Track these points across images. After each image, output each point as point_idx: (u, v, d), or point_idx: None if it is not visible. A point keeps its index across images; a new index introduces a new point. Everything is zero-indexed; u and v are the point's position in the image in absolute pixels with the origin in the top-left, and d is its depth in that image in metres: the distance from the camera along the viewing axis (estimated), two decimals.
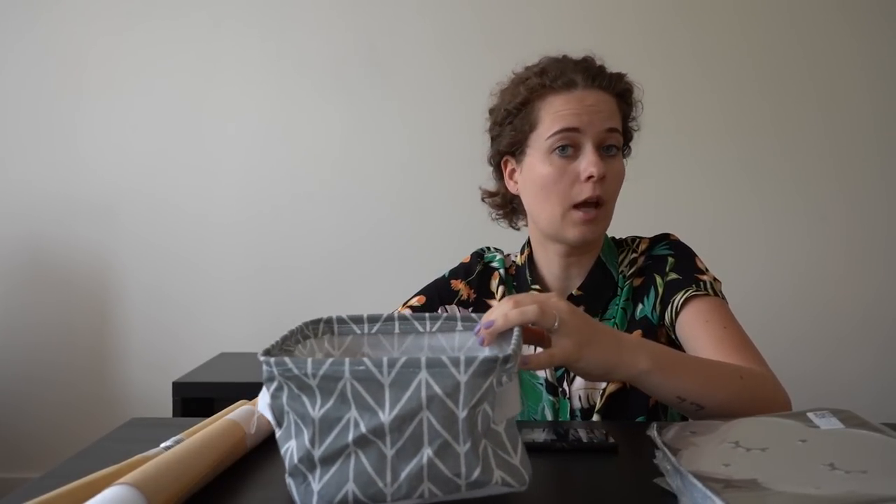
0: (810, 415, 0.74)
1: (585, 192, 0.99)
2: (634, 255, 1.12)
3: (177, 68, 2.35)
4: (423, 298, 1.12)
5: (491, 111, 1.11)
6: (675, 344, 1.04)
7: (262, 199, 2.36)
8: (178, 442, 0.74)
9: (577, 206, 1.00)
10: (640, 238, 1.14)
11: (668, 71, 2.33)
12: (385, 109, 2.36)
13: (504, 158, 1.10)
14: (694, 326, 0.98)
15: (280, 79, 2.36)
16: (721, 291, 1.03)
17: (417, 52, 2.36)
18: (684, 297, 1.00)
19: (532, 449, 0.80)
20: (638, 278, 1.09)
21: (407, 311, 0.99)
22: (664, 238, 1.12)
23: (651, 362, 0.80)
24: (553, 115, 1.01)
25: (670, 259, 1.07)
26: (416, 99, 2.35)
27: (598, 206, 1.01)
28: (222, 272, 2.36)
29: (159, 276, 2.36)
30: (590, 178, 0.99)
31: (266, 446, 0.83)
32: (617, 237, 1.16)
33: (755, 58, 2.34)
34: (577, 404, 1.05)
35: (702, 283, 1.02)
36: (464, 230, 2.33)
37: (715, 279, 1.05)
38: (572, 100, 1.01)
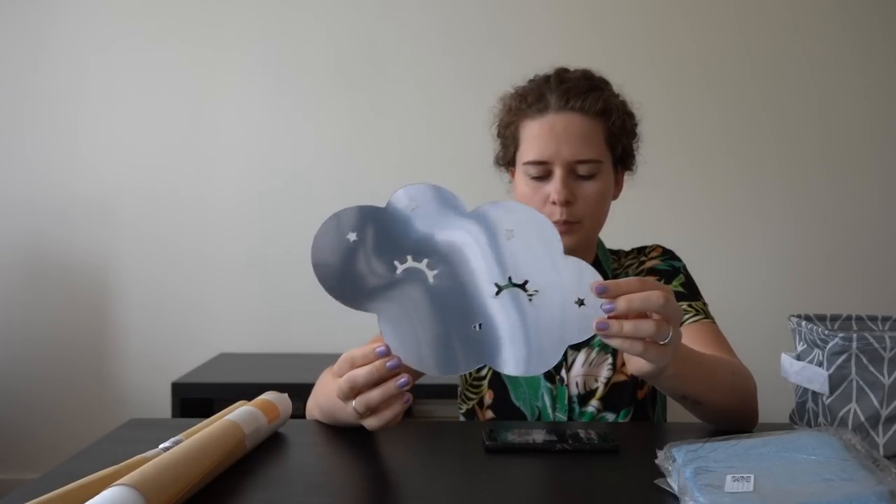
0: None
1: (554, 214, 1.04)
2: (643, 257, 1.16)
3: (177, 66, 2.34)
4: None
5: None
6: None
7: (262, 198, 2.36)
8: (177, 443, 0.74)
9: None
10: (653, 246, 1.18)
11: (665, 76, 2.33)
12: (385, 108, 2.35)
13: (508, 167, 1.16)
14: (697, 338, 1.03)
15: (280, 77, 2.36)
16: (712, 316, 1.09)
17: (418, 51, 2.35)
18: (692, 319, 1.05)
19: (533, 450, 0.80)
20: (650, 276, 1.13)
21: None
22: (676, 257, 1.16)
23: (675, 367, 0.77)
24: (527, 142, 1.06)
25: (681, 275, 1.12)
26: (417, 98, 2.35)
27: (572, 223, 1.05)
28: (222, 273, 2.35)
29: (158, 276, 2.35)
30: (555, 202, 1.04)
31: (265, 447, 0.82)
32: (614, 248, 1.20)
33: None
34: (574, 391, 1.10)
35: (701, 310, 1.07)
36: None
37: (707, 305, 1.11)
38: (545, 126, 1.05)
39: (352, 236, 0.75)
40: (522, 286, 0.73)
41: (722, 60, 2.35)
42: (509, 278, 0.73)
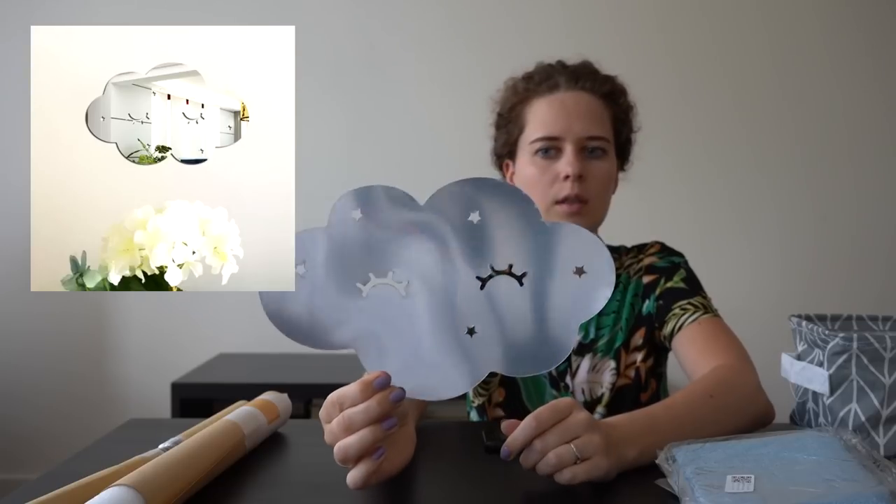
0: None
1: (565, 190, 1.03)
2: (642, 255, 1.14)
3: None
4: None
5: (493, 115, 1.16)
6: (663, 347, 1.08)
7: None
8: (176, 443, 0.74)
9: (559, 203, 1.04)
10: (650, 243, 1.16)
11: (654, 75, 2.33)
12: (384, 108, 2.35)
13: (504, 161, 1.14)
14: (695, 340, 1.01)
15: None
16: (714, 308, 1.06)
17: (417, 52, 2.35)
18: (692, 318, 1.02)
19: None
20: (648, 276, 1.10)
21: None
22: (676, 252, 1.14)
23: (637, 450, 0.72)
24: (536, 120, 1.06)
25: (682, 269, 1.10)
26: (415, 98, 2.35)
27: (581, 202, 1.04)
28: None
29: None
30: (567, 177, 1.02)
31: (265, 447, 0.82)
32: (615, 245, 1.19)
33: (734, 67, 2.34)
34: (579, 397, 1.09)
35: (701, 305, 1.04)
36: None
37: (709, 298, 1.08)
38: (555, 103, 1.05)
39: (300, 269, 0.62)
40: (509, 271, 0.63)
41: (709, 61, 2.35)
42: (490, 266, 0.63)
